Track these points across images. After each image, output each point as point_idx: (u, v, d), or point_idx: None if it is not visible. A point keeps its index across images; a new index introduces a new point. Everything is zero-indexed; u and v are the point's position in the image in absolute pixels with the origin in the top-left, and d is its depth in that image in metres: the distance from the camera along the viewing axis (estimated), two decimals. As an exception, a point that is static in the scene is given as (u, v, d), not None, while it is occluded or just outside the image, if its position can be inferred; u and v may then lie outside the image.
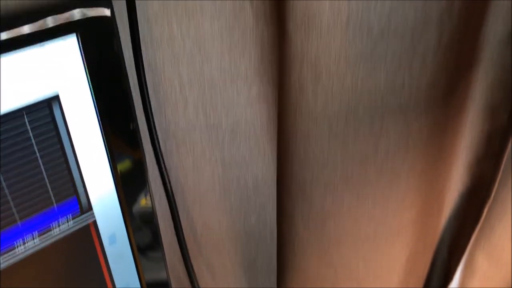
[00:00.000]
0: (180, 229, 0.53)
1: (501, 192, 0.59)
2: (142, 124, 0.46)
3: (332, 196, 0.52)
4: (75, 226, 0.43)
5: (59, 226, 0.42)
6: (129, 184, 0.45)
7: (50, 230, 0.41)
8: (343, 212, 0.53)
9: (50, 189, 0.40)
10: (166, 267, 0.52)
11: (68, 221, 0.42)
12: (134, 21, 0.41)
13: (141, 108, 0.46)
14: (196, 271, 0.60)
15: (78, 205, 0.42)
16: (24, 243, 0.40)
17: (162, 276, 0.52)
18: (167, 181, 0.50)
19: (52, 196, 0.40)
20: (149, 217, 0.48)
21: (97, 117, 0.40)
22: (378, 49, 0.41)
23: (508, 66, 0.51)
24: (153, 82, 0.47)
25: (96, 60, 0.38)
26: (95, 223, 0.44)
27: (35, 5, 0.36)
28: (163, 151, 0.50)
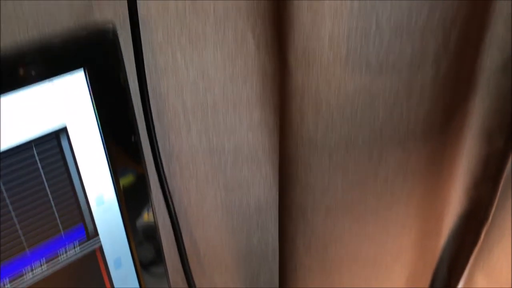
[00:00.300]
0: (183, 249, 0.53)
1: (499, 214, 0.58)
2: (146, 148, 0.47)
3: (333, 221, 0.52)
4: (82, 252, 0.43)
5: (66, 252, 0.42)
6: (133, 209, 0.45)
7: (57, 257, 0.42)
8: (344, 236, 0.53)
9: (57, 217, 0.41)
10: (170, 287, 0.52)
11: (75, 247, 0.43)
12: (139, 50, 0.42)
13: (146, 133, 0.46)
14: (199, 291, 0.61)
15: (84, 231, 0.43)
16: (32, 270, 0.41)
17: (166, 297, 0.52)
18: (171, 203, 0.50)
19: (60, 224, 0.41)
20: (153, 240, 0.48)
21: (104, 147, 0.41)
22: (376, 83, 0.42)
23: (504, 92, 0.51)
24: (157, 108, 0.48)
25: (102, 92, 0.39)
26: (101, 248, 0.45)
27: (44, 41, 0.37)
28: (166, 174, 0.50)
